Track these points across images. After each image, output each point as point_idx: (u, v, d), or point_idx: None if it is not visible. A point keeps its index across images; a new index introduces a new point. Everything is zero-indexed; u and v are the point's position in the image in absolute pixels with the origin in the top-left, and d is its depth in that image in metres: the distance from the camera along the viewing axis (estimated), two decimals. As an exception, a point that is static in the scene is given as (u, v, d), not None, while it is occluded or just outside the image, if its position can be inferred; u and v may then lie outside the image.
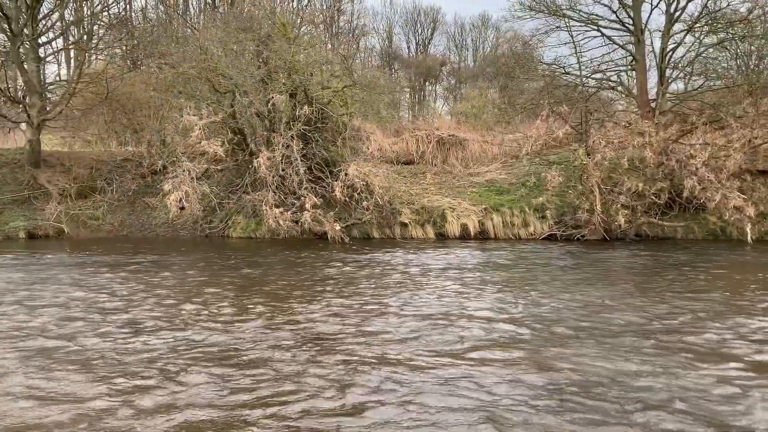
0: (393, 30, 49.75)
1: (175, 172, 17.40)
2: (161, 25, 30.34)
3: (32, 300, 8.92)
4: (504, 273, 11.45)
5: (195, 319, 7.72)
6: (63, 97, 21.36)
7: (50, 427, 4.55)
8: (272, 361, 6.01)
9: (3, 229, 18.07)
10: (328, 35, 37.90)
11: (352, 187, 17.24)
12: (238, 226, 18.26)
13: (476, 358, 6.10)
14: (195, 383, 5.39)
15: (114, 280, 10.62)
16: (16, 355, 6.22)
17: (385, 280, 10.59)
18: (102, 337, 6.92)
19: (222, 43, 18.58)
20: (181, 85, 19.31)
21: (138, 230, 18.94)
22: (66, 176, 20.00)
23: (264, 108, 18.07)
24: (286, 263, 12.78)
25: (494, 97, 29.05)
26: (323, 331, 7.16)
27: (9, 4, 20.09)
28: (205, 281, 10.62)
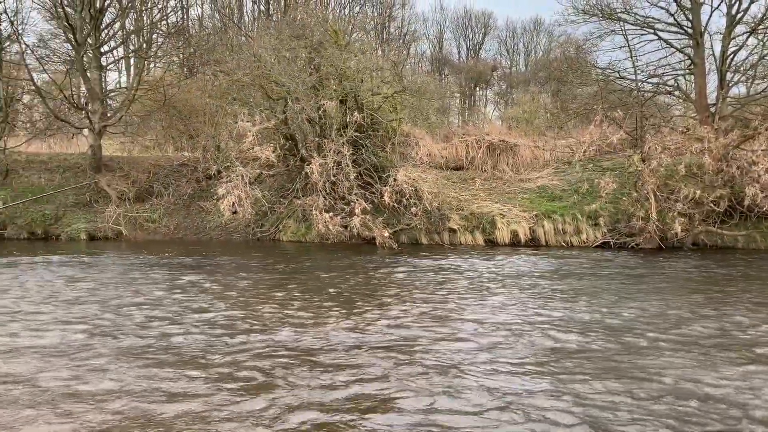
0: (443, 35, 49.69)
1: (229, 176, 17.80)
2: (217, 33, 31.14)
3: (119, 299, 9.29)
4: (564, 281, 11.24)
5: (275, 321, 7.89)
6: (123, 103, 22.15)
7: (168, 425, 4.68)
8: (361, 365, 6.04)
9: (66, 230, 18.84)
10: (378, 42, 38.13)
11: (401, 193, 17.27)
12: (288, 230, 18.53)
13: (563, 368, 5.98)
14: (297, 384, 5.48)
15: (188, 281, 10.96)
16: (121, 354, 6.41)
17: (445, 287, 10.56)
18: (196, 336, 7.11)
19: (275, 50, 18.93)
20: (236, 92, 19.75)
21: (192, 233, 19.44)
22: (125, 180, 20.69)
23: (315, 114, 18.30)
24: (342, 268, 12.86)
25: (546, 102, 28.64)
26: (399, 335, 7.17)
27: (74, 15, 20.98)
28: (272, 284, 10.89)
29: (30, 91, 23.18)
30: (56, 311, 8.44)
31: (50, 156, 22.52)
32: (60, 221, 19.27)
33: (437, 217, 17.54)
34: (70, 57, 22.76)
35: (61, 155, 22.72)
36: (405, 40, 43.05)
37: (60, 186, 20.57)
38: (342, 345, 6.72)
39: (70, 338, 7.02)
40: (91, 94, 21.41)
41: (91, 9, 20.47)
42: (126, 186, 20.37)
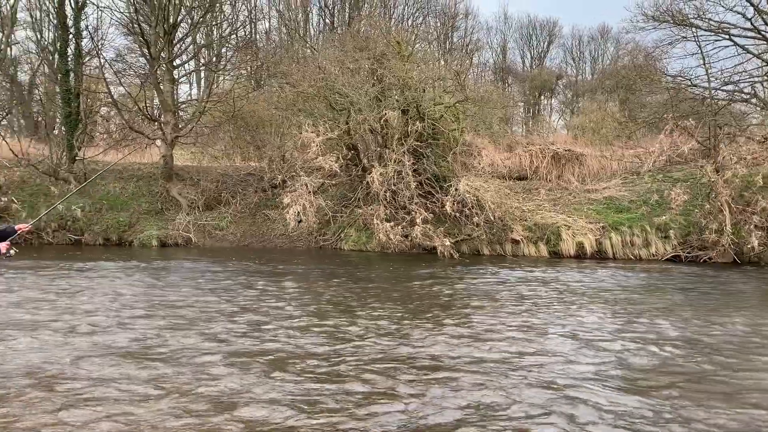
0: (507, 44, 49.20)
1: (293, 186, 18.19)
2: (283, 46, 31.93)
3: (216, 305, 9.58)
4: (645, 295, 10.90)
5: (370, 330, 7.93)
6: (194, 115, 22.98)
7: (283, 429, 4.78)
8: (466, 374, 6.03)
9: (138, 237, 19.65)
10: (441, 51, 38.13)
11: (463, 203, 17.17)
12: (349, 238, 18.72)
13: (659, 386, 5.76)
14: (409, 393, 5.49)
15: (273, 288, 11.26)
16: (225, 359, 6.53)
17: (524, 299, 10.40)
18: (291, 342, 7.24)
19: (339, 62, 19.24)
20: (301, 104, 20.17)
21: (258, 241, 19.91)
22: (194, 189, 21.42)
23: (377, 124, 18.47)
24: (409, 277, 12.89)
25: (614, 110, 27.89)
26: (494, 348, 7.09)
27: (149, 30, 21.96)
28: (349, 292, 11.06)
29: (107, 104, 24.35)
30: (159, 315, 8.69)
31: (125, 165, 23.56)
32: (133, 228, 20.13)
33: (500, 228, 17.33)
34: (144, 71, 23.81)
35: (135, 165, 23.74)
36: (468, 50, 42.87)
37: (134, 194, 21.49)
38: (443, 356, 6.67)
39: (185, 342, 7.19)
40: (164, 106, 22.31)
41: (165, 24, 21.38)
42: (195, 194, 21.08)
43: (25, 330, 7.63)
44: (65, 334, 7.43)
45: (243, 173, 22.70)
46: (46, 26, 25.60)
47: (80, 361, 6.29)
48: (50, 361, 6.29)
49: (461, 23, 44.71)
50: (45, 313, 8.63)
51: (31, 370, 5.93)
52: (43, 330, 7.61)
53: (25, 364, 6.15)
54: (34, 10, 25.25)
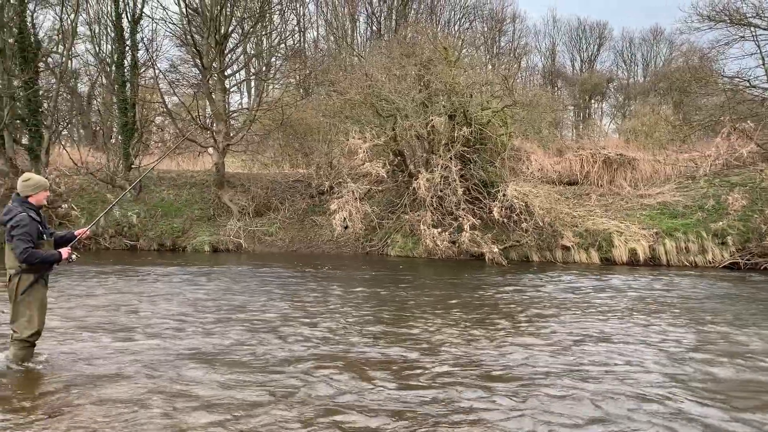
0: (556, 47, 48.57)
1: (340, 192, 18.35)
2: (331, 54, 32.31)
3: (286, 309, 9.68)
4: (709, 303, 10.44)
5: (439, 336, 7.84)
6: (244, 123, 23.46)
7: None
8: (536, 386, 5.89)
9: (191, 242, 20.15)
10: (488, 56, 37.91)
11: (511, 208, 16.97)
12: (396, 244, 18.74)
13: (752, 401, 5.50)
14: (509, 405, 5.35)
15: (334, 293, 11.31)
16: (317, 364, 6.49)
17: (589, 306, 10.15)
18: (371, 348, 7.20)
19: (385, 69, 19.35)
20: (348, 111, 20.36)
21: (305, 246, 20.15)
22: (245, 195, 21.85)
23: (424, 130, 18.47)
24: (464, 284, 12.75)
25: (667, 113, 27.13)
26: (570, 357, 6.92)
27: (201, 41, 22.55)
28: (404, 296, 11.02)
29: (162, 113, 25.13)
30: (241, 319, 8.77)
31: (179, 173, 24.24)
32: (186, 234, 20.66)
33: (549, 234, 17.06)
34: (197, 81, 24.47)
35: (188, 172, 24.40)
36: (516, 54, 42.49)
37: (187, 201, 22.07)
38: (525, 364, 6.56)
39: (275, 346, 7.22)
40: (216, 115, 22.86)
41: (216, 35, 21.92)
42: (246, 201, 21.50)
43: (119, 332, 7.85)
44: (163, 339, 7.51)
45: (291, 180, 23.04)
46: (104, 39, 26.64)
47: (182, 366, 6.34)
48: (154, 365, 6.37)
49: (508, 27, 44.41)
50: (132, 318, 8.81)
51: (136, 376, 6.00)
52: (137, 334, 7.75)
53: (133, 370, 6.17)
54: (93, 24, 26.33)
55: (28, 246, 5.71)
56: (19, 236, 5.70)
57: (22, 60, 20.78)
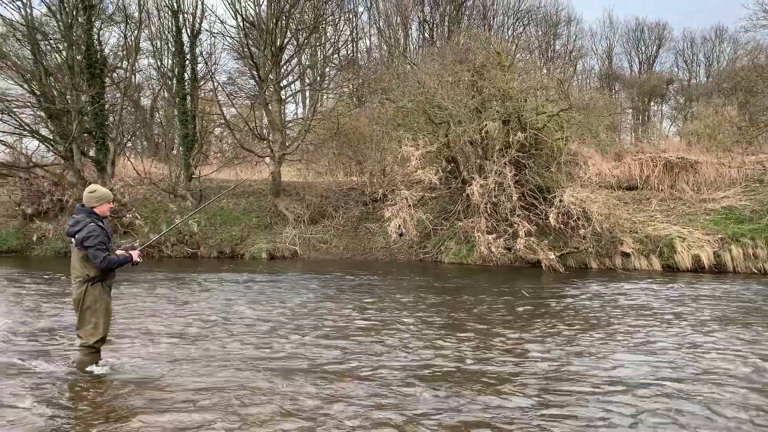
0: (613, 49, 47.44)
1: (393, 200, 18.41)
2: (383, 63, 32.53)
3: (356, 316, 9.86)
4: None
5: (524, 345, 7.75)
6: (299, 133, 23.87)
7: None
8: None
9: (249, 250, 20.59)
10: (543, 60, 37.40)
11: (568, 214, 16.65)
12: (450, 251, 18.64)
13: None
14: (627, 423, 5.23)
15: (402, 300, 11.36)
16: (408, 373, 6.49)
17: (656, 314, 9.82)
18: (458, 358, 7.13)
19: (438, 75, 19.33)
20: (401, 118, 20.43)
21: (359, 254, 20.28)
22: (300, 204, 22.20)
23: (477, 136, 18.35)
24: (528, 291, 12.58)
25: (732, 115, 26.11)
26: (663, 367, 6.75)
27: (258, 54, 23.10)
28: (471, 304, 10.96)
29: (220, 125, 25.84)
30: (329, 327, 8.86)
31: (237, 182, 24.83)
32: (244, 241, 21.13)
33: (608, 240, 16.65)
34: (254, 92, 25.06)
35: (246, 181, 24.97)
36: (571, 57, 41.75)
37: (245, 210, 22.58)
38: (625, 376, 6.39)
39: (375, 356, 7.23)
40: (272, 126, 23.35)
41: (272, 47, 22.41)
42: (301, 209, 21.84)
43: (193, 339, 8.07)
44: (257, 348, 7.51)
45: (345, 188, 23.27)
46: (165, 54, 27.60)
47: (280, 376, 6.34)
48: (259, 372, 6.45)
49: (563, 30, 43.73)
50: (225, 324, 9.00)
51: (233, 384, 6.06)
52: (235, 342, 7.86)
53: (238, 380, 6.21)
54: (155, 39, 27.32)
55: (105, 254, 5.98)
56: (96, 246, 5.94)
57: (90, 76, 21.75)
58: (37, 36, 22.01)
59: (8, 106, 22.33)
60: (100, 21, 23.31)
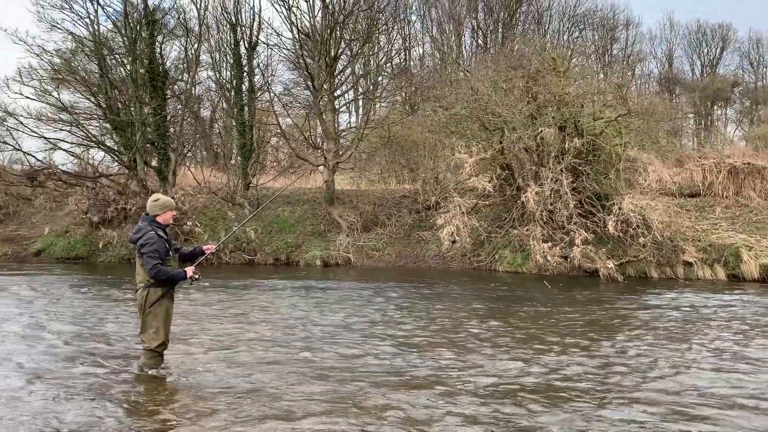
0: (673, 52, 46.05)
1: (446, 207, 18.34)
2: (436, 70, 32.54)
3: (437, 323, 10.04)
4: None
5: (596, 358, 7.58)
6: (353, 142, 24.11)
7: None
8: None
9: (304, 257, 20.87)
10: (600, 65, 36.67)
11: (627, 222, 16.21)
12: (504, 260, 18.41)
13: None
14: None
15: (467, 309, 11.32)
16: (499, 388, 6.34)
17: (726, 327, 9.47)
18: (544, 371, 6.95)
19: (492, 82, 19.21)
20: (454, 126, 20.37)
21: (412, 261, 20.27)
22: (353, 212, 22.37)
23: (532, 142, 18.12)
24: (592, 301, 12.29)
25: (803, 117, 24.94)
26: (746, 382, 6.51)
27: (313, 64, 23.49)
28: (533, 313, 10.79)
29: (276, 134, 26.35)
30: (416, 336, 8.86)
31: (292, 191, 25.24)
32: (299, 248, 21.43)
33: (669, 249, 16.12)
34: (309, 102, 25.47)
35: (300, 190, 25.35)
36: (629, 61, 40.77)
37: (300, 217, 22.93)
38: (714, 392, 6.19)
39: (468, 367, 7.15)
40: (326, 135, 23.66)
41: (327, 57, 22.75)
42: (354, 217, 22.01)
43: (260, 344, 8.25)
44: (349, 359, 7.47)
45: (398, 196, 23.33)
46: (224, 66, 28.39)
47: (386, 387, 6.27)
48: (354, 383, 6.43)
49: (621, 34, 42.77)
50: (311, 331, 9.13)
51: (264, 388, 6.14)
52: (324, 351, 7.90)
53: (326, 393, 6.16)
54: (214, 52, 28.15)
55: (157, 263, 6.18)
56: (149, 254, 6.16)
57: (152, 88, 22.57)
58: (103, 51, 23.00)
59: (77, 119, 23.40)
60: (162, 35, 24.16)
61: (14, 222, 24.01)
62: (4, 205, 24.24)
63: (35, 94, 23.24)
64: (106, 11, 33.19)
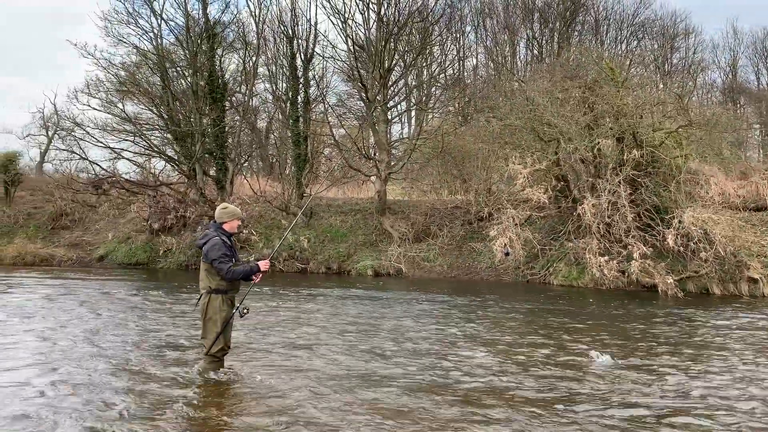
0: (737, 61, 44.42)
1: (499, 218, 18.16)
2: (490, 81, 32.35)
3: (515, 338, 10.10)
4: None
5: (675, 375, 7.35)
6: (405, 152, 24.20)
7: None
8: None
9: (355, 266, 21.02)
10: (659, 75, 35.75)
11: (688, 236, 15.69)
12: (559, 273, 18.07)
13: None
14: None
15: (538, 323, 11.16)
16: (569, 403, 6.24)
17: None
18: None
19: (547, 92, 18.97)
20: (507, 136, 20.20)
21: (464, 273, 20.14)
22: (405, 222, 22.42)
23: (589, 154, 17.78)
24: (655, 316, 11.88)
25: None
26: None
27: (366, 76, 23.74)
28: (600, 330, 10.48)
29: (330, 145, 26.69)
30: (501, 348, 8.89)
31: (345, 200, 25.51)
32: (351, 258, 21.61)
33: (733, 265, 15.51)
34: (362, 113, 25.74)
35: (353, 200, 25.60)
36: (690, 71, 39.58)
37: (352, 227, 23.13)
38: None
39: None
40: (379, 145, 23.84)
41: (381, 69, 22.96)
42: (406, 227, 22.05)
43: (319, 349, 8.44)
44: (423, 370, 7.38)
45: (450, 206, 23.25)
46: (280, 78, 28.98)
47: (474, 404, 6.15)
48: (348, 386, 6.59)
49: (681, 43, 41.57)
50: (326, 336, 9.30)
51: (323, 395, 6.22)
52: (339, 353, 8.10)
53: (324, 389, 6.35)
54: (270, 64, 28.79)
55: (229, 265, 6.37)
56: (219, 259, 6.35)
57: (212, 100, 23.27)
58: (166, 64, 23.86)
59: (140, 129, 24.33)
60: (221, 48, 24.90)
61: (80, 228, 25.07)
62: (70, 212, 25.36)
63: (101, 105, 24.38)
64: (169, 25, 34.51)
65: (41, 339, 8.67)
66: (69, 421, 5.23)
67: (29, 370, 6.89)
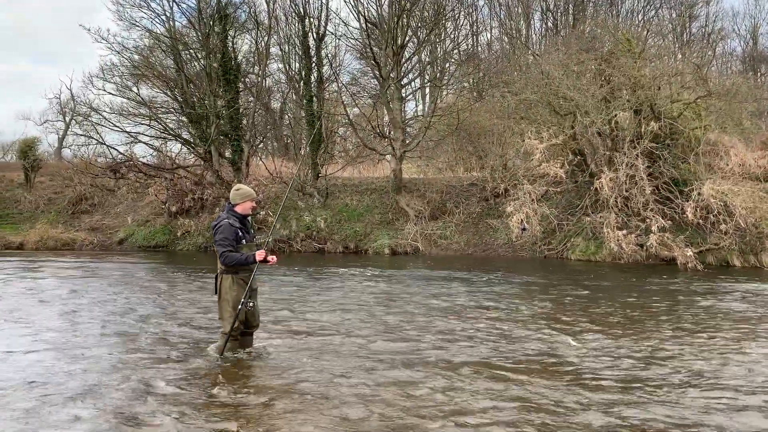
0: (758, 29, 43.41)
1: (516, 194, 18.09)
2: (505, 55, 31.97)
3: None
4: None
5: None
6: (420, 130, 24.08)
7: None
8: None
9: (372, 245, 21.09)
10: (678, 44, 35.08)
11: (707, 208, 15.54)
12: (576, 248, 18.01)
13: None
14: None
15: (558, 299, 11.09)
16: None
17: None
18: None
19: (563, 65, 18.73)
20: (523, 111, 20.02)
21: (481, 250, 20.13)
22: (421, 200, 22.39)
23: (606, 127, 17.59)
24: (680, 292, 11.63)
25: None
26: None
27: (379, 53, 23.57)
28: (622, 305, 10.29)
29: (344, 124, 26.65)
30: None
31: (360, 180, 25.51)
32: (368, 237, 21.67)
33: (754, 236, 15.36)
34: (376, 91, 25.61)
35: (369, 179, 25.59)
36: (710, 40, 38.77)
37: (368, 206, 23.16)
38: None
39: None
40: (393, 124, 23.74)
41: (393, 46, 22.78)
42: (422, 205, 22.03)
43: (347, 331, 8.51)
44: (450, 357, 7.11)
45: (466, 183, 23.18)
46: (293, 58, 28.87)
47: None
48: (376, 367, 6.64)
49: (700, 11, 40.63)
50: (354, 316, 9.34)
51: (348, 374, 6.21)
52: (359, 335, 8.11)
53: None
54: (283, 44, 28.66)
55: (225, 250, 6.43)
56: (219, 241, 6.47)
57: (225, 82, 23.27)
58: (179, 46, 23.87)
59: (155, 113, 24.44)
60: (233, 29, 24.83)
61: (99, 212, 25.38)
62: (89, 197, 25.66)
63: (116, 89, 24.49)
64: (180, 8, 34.50)
65: (70, 322, 8.84)
66: (89, 401, 5.36)
67: (56, 352, 7.04)
